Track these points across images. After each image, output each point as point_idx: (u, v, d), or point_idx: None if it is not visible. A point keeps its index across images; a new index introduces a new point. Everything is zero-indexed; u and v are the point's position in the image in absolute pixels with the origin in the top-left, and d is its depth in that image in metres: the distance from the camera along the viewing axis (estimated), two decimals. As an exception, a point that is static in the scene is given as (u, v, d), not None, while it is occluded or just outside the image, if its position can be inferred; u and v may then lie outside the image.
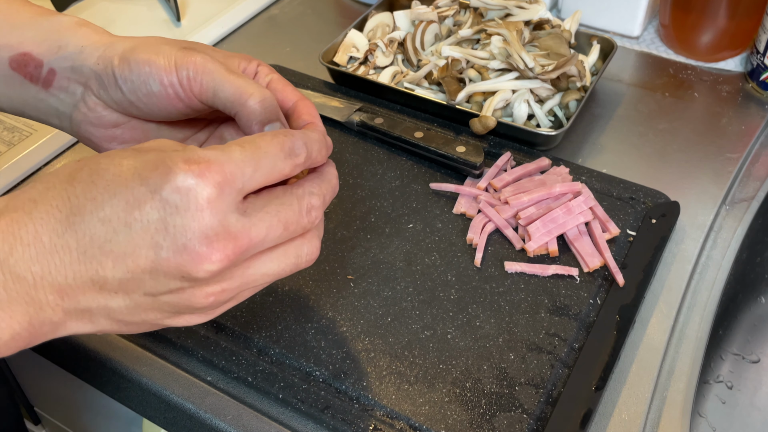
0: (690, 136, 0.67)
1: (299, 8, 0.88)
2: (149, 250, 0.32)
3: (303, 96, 0.44)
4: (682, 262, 0.56)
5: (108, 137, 0.45)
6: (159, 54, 0.41)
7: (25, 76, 0.45)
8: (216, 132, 0.48)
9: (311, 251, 0.39)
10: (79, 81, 0.44)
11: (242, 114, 0.40)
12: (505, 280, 0.53)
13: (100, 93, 0.43)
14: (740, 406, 0.64)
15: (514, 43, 0.64)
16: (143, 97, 0.42)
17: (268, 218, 0.35)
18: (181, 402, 0.49)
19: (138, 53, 0.41)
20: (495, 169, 0.61)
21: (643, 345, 0.51)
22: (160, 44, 0.42)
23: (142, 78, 0.41)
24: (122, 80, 0.42)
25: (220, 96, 0.40)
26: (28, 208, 0.32)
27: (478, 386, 0.47)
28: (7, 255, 0.31)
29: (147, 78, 0.41)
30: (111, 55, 0.42)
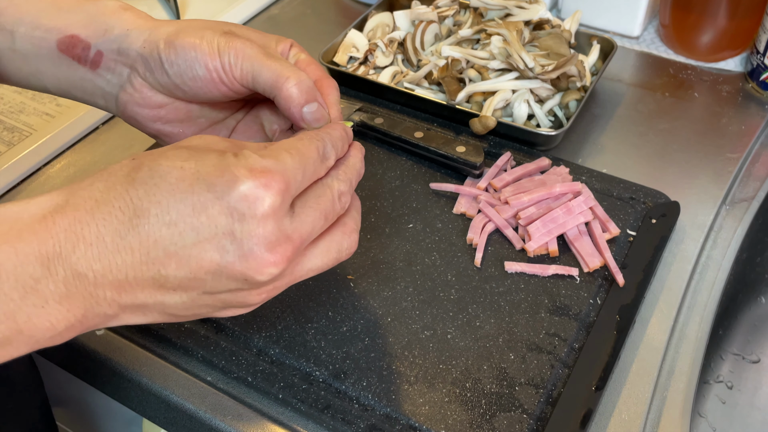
0: (690, 136, 0.67)
1: (299, 8, 0.88)
2: (215, 254, 0.34)
3: (326, 74, 0.47)
4: (682, 262, 0.56)
5: (153, 117, 0.46)
6: (203, 39, 0.43)
7: (73, 58, 0.46)
8: (252, 111, 0.50)
9: (351, 245, 0.41)
10: (125, 63, 0.45)
11: (280, 97, 0.42)
12: (505, 280, 0.53)
13: (146, 75, 0.44)
14: (740, 406, 0.64)
15: (514, 43, 0.64)
16: (188, 81, 0.43)
17: (311, 212, 0.37)
18: (181, 402, 0.49)
19: (183, 37, 0.43)
20: (495, 169, 0.61)
21: (643, 345, 0.51)
22: (203, 29, 0.44)
23: (188, 62, 0.43)
24: (168, 64, 0.43)
25: (259, 80, 0.42)
26: (90, 207, 0.33)
27: (478, 386, 0.47)
28: (69, 253, 0.32)
29: (192, 62, 0.42)
30: (156, 39, 0.43)
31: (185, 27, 0.44)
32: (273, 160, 0.35)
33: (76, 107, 0.71)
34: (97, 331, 0.53)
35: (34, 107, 0.71)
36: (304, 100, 0.42)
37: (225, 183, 0.34)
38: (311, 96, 0.42)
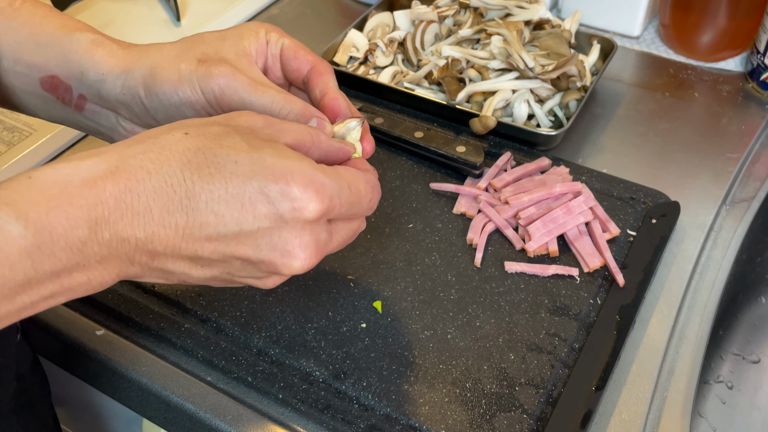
0: (690, 136, 0.67)
1: (299, 8, 0.88)
2: (249, 248, 0.37)
3: (318, 59, 0.47)
4: (682, 262, 0.56)
5: None
6: (181, 78, 0.43)
7: (58, 98, 0.47)
8: None
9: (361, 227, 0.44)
10: (109, 107, 0.46)
11: None
12: (505, 280, 0.53)
13: (132, 118, 0.46)
14: (740, 406, 0.64)
15: (514, 43, 0.64)
16: (178, 118, 0.44)
17: (345, 230, 0.41)
18: (181, 402, 0.49)
19: (161, 81, 0.44)
20: (495, 169, 0.61)
21: (643, 345, 0.51)
22: (178, 61, 0.44)
23: (173, 107, 0.44)
24: (153, 110, 0.45)
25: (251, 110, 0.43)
26: (142, 178, 0.34)
27: (478, 386, 0.47)
28: (117, 219, 0.34)
29: (178, 106, 0.44)
30: (134, 86, 0.44)
31: (158, 63, 0.44)
32: (331, 181, 0.37)
33: (76, 107, 0.71)
34: (97, 332, 0.53)
35: (34, 107, 0.71)
36: (304, 121, 0.43)
37: (278, 191, 0.36)
38: (308, 115, 0.44)
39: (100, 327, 0.53)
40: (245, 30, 0.47)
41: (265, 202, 0.36)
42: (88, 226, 0.33)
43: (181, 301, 0.53)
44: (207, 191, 0.35)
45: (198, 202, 0.35)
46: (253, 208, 0.36)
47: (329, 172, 0.38)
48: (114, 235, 0.34)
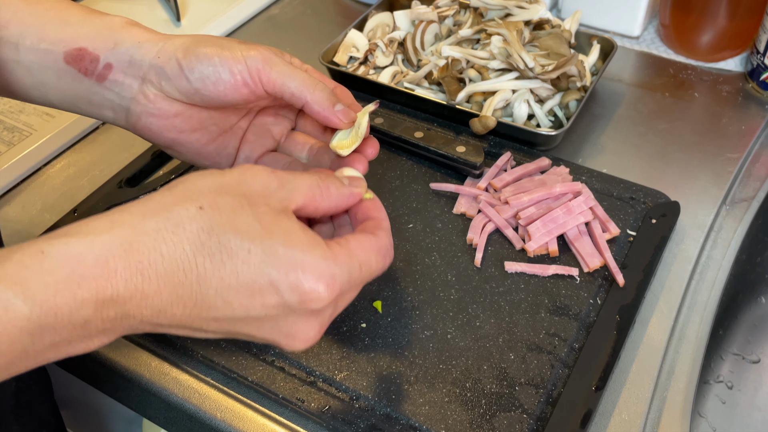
0: (690, 136, 0.67)
1: (299, 8, 0.88)
2: (254, 329, 0.38)
3: (337, 84, 0.50)
4: (682, 262, 0.56)
5: (167, 126, 0.48)
6: (224, 47, 0.45)
7: (80, 70, 0.47)
8: (256, 119, 0.52)
9: None
10: (136, 75, 0.46)
11: (312, 101, 0.45)
12: (505, 280, 0.53)
13: (161, 84, 0.46)
14: (740, 406, 0.64)
15: (514, 43, 0.64)
16: (210, 85, 0.45)
17: (351, 296, 0.42)
18: (181, 402, 0.49)
19: (202, 47, 0.45)
20: (495, 169, 0.61)
21: (643, 345, 0.51)
22: (219, 39, 0.46)
23: (212, 67, 0.44)
24: (189, 70, 0.45)
25: (288, 87, 0.45)
26: (155, 260, 0.34)
27: (478, 386, 0.47)
28: (125, 300, 0.34)
29: (217, 67, 0.44)
30: (172, 49, 0.45)
31: (199, 38, 0.46)
32: (341, 271, 0.37)
33: (76, 107, 0.71)
34: (97, 331, 0.53)
35: (34, 107, 0.71)
36: (332, 103, 0.46)
37: (289, 285, 0.36)
38: (335, 98, 0.46)
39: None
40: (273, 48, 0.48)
41: (275, 294, 0.36)
42: (94, 306, 0.33)
43: (181, 301, 0.53)
44: (218, 278, 0.35)
45: (208, 288, 0.35)
46: (262, 298, 0.36)
47: (340, 259, 0.38)
48: (120, 313, 0.34)
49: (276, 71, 0.45)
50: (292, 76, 0.45)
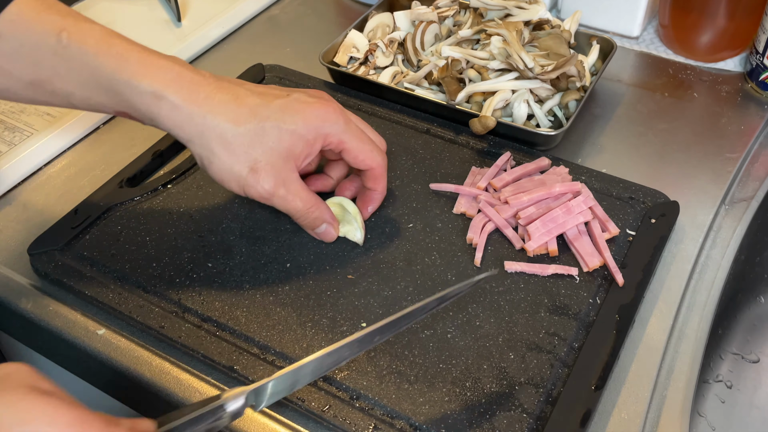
0: (689, 136, 0.67)
1: (299, 8, 0.88)
2: None
3: (377, 162, 0.56)
4: (681, 261, 0.56)
5: None
6: (231, 179, 0.52)
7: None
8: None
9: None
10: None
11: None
12: (505, 280, 0.54)
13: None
14: (739, 405, 0.64)
15: (513, 43, 0.64)
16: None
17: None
18: (181, 402, 0.49)
19: (215, 171, 0.52)
20: (495, 169, 0.61)
21: (642, 344, 0.51)
22: (233, 162, 0.52)
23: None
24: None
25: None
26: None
27: (478, 386, 0.47)
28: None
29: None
30: (195, 154, 0.53)
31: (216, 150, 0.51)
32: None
33: (76, 107, 0.71)
34: (98, 331, 0.53)
35: (35, 107, 0.71)
36: (319, 224, 0.56)
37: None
38: (320, 222, 0.56)
39: (101, 326, 0.53)
40: (308, 131, 0.52)
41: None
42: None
43: (182, 300, 0.53)
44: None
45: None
46: None
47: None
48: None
49: (270, 204, 0.53)
50: (283, 206, 0.54)
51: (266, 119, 0.51)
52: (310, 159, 0.54)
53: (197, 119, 0.50)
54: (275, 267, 0.55)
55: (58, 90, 0.51)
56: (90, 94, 0.51)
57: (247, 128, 0.51)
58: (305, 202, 0.54)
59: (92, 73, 0.50)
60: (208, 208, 0.60)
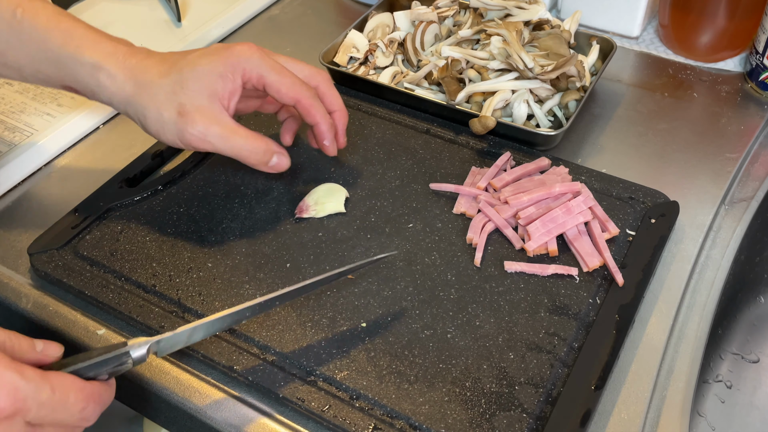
0: (689, 136, 0.67)
1: (299, 8, 0.88)
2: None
3: (301, 90, 0.56)
4: (681, 261, 0.56)
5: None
6: (165, 128, 0.55)
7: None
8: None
9: None
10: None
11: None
12: (505, 280, 0.54)
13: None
14: (739, 405, 0.64)
15: (513, 43, 0.64)
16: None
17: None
18: (181, 402, 0.49)
19: (151, 124, 0.55)
20: (495, 169, 0.61)
21: (642, 344, 0.51)
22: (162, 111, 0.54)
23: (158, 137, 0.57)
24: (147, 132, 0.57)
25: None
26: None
27: (478, 385, 0.47)
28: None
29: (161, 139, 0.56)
30: (133, 116, 0.55)
31: (148, 105, 0.54)
32: (27, 384, 0.38)
33: (77, 107, 0.71)
34: (98, 331, 0.53)
35: (35, 107, 0.71)
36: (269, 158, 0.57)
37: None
38: (270, 154, 0.57)
39: (101, 326, 0.53)
40: (225, 68, 0.54)
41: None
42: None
43: (182, 300, 0.53)
44: None
45: None
46: None
47: (29, 376, 0.38)
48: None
49: (209, 145, 0.54)
50: (223, 146, 0.55)
51: (185, 66, 0.54)
52: (236, 97, 0.55)
53: (129, 84, 0.54)
54: (275, 267, 0.55)
55: (10, 62, 0.55)
56: (39, 66, 0.55)
57: (170, 79, 0.54)
58: (246, 137, 0.55)
59: (41, 46, 0.54)
60: (208, 208, 0.60)
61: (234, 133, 0.54)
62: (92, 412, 0.41)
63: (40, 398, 0.38)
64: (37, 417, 0.39)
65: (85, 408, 0.41)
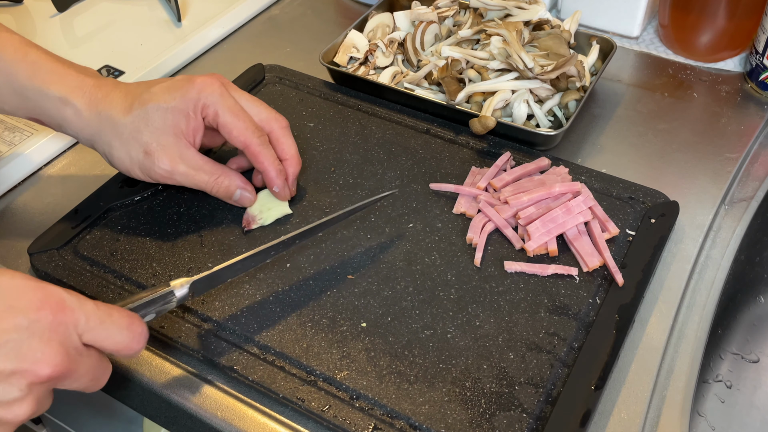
0: (689, 136, 0.67)
1: (299, 8, 0.88)
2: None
3: (250, 138, 0.56)
4: (681, 261, 0.56)
5: None
6: (133, 166, 0.56)
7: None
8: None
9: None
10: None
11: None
12: (505, 280, 0.54)
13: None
14: (739, 405, 0.64)
15: (513, 43, 0.64)
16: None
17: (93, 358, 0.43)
18: (181, 402, 0.49)
19: (118, 161, 0.56)
20: (495, 169, 0.61)
21: (642, 344, 0.51)
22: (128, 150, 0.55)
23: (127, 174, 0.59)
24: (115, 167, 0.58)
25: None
26: None
27: (478, 385, 0.47)
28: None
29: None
30: (100, 151, 0.57)
31: (114, 143, 0.55)
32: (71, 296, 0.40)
33: (76, 107, 0.71)
34: (98, 331, 0.53)
35: (34, 107, 0.71)
36: (231, 194, 0.58)
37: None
38: (232, 191, 0.58)
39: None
40: (186, 105, 0.55)
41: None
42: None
43: (182, 300, 0.53)
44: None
45: None
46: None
47: (72, 293, 0.40)
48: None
49: (175, 182, 0.56)
50: (189, 183, 0.56)
51: (148, 102, 0.54)
52: (200, 133, 0.56)
53: (95, 119, 0.54)
54: (275, 267, 0.55)
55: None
56: (4, 98, 0.55)
57: (134, 115, 0.54)
58: (210, 173, 0.56)
59: (7, 78, 0.54)
60: (208, 208, 0.60)
61: (198, 170, 0.56)
62: (138, 329, 0.42)
63: (85, 308, 0.40)
64: (87, 327, 0.40)
65: (131, 324, 0.41)
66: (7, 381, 0.37)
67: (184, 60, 0.79)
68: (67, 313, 0.39)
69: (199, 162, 0.56)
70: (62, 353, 0.38)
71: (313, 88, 0.72)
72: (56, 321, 0.38)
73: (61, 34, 0.82)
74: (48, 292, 0.39)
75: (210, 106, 0.55)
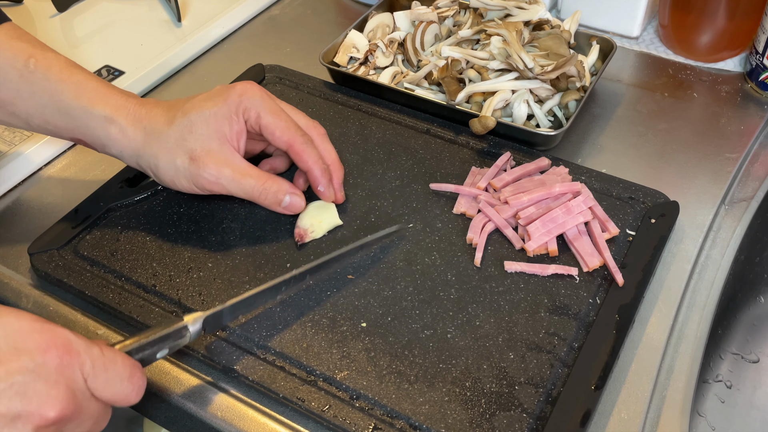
0: (689, 136, 0.67)
1: (299, 8, 0.88)
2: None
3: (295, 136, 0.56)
4: (681, 261, 0.56)
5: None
6: (178, 175, 0.56)
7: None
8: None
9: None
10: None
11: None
12: (505, 280, 0.54)
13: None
14: (739, 405, 0.64)
15: (513, 43, 0.64)
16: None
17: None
18: (181, 402, 0.49)
19: (163, 173, 0.56)
20: (495, 169, 0.61)
21: (642, 344, 0.51)
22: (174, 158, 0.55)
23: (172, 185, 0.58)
24: (160, 181, 0.58)
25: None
26: None
27: (478, 385, 0.47)
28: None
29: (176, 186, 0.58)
30: (145, 167, 0.57)
31: (160, 154, 0.55)
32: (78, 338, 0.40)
33: (76, 107, 0.71)
34: (98, 331, 0.53)
35: (34, 107, 0.71)
36: (281, 199, 0.57)
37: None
38: (282, 195, 0.57)
39: (101, 326, 0.53)
40: (229, 110, 0.55)
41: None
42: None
43: (182, 300, 0.53)
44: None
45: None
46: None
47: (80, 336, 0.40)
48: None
49: (222, 188, 0.55)
50: (235, 188, 0.56)
51: (190, 111, 0.55)
52: (244, 137, 0.56)
53: (139, 135, 0.55)
54: (275, 267, 0.55)
55: (19, 111, 0.55)
56: (48, 118, 0.55)
57: (178, 125, 0.55)
58: (258, 177, 0.55)
59: (52, 97, 0.55)
60: (208, 208, 0.60)
61: (245, 175, 0.55)
62: (139, 381, 0.42)
63: (91, 353, 0.39)
64: (91, 372, 0.39)
65: (132, 376, 0.41)
66: (12, 424, 0.36)
67: (184, 60, 0.79)
68: (73, 356, 0.38)
69: (245, 167, 0.56)
70: (69, 396, 0.38)
71: (313, 88, 0.72)
72: (63, 364, 0.38)
73: (61, 34, 0.82)
74: (55, 335, 0.38)
75: (251, 109, 0.55)
